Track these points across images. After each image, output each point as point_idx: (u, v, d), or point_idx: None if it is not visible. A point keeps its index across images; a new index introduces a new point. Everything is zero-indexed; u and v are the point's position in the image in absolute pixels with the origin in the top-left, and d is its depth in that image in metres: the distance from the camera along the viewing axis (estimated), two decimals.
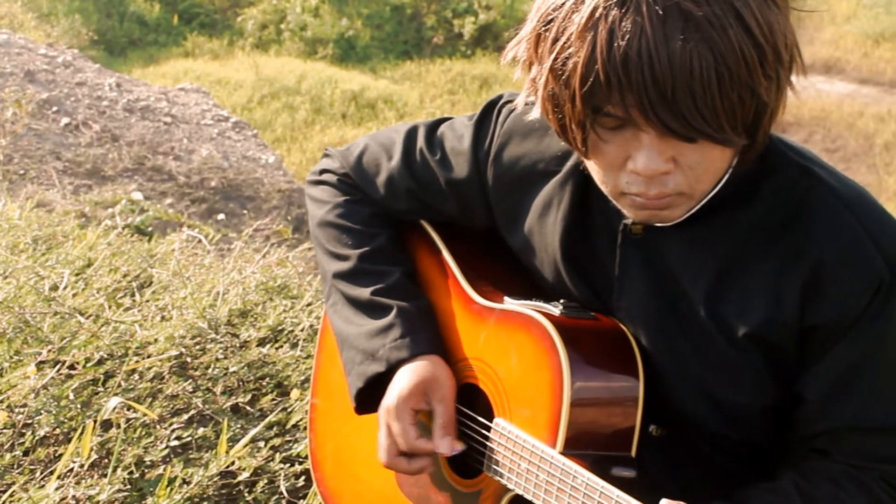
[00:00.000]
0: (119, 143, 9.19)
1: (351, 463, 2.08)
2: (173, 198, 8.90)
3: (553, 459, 1.67)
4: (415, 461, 1.85)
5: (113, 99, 9.93)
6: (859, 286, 1.65)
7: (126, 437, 2.57)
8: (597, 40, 1.51)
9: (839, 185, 1.71)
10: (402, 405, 1.84)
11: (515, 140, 1.87)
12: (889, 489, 1.72)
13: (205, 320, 2.94)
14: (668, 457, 1.78)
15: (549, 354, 1.71)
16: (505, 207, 1.90)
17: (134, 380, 2.74)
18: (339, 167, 2.07)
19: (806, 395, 1.71)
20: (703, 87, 1.49)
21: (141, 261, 3.57)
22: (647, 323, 1.75)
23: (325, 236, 2.03)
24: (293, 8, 17.00)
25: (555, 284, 1.85)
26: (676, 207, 1.65)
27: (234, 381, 2.79)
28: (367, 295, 1.93)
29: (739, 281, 1.70)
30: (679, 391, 1.75)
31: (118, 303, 3.18)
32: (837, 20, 20.93)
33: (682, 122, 1.52)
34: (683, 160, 1.58)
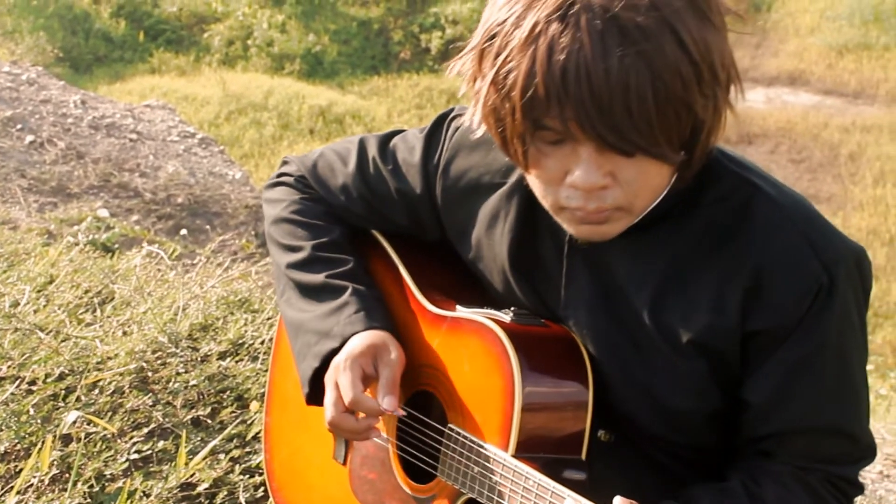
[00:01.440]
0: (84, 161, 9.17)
1: (305, 472, 2.09)
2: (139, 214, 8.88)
3: (505, 462, 1.69)
4: (361, 421, 1.84)
5: (78, 116, 9.91)
6: (798, 291, 1.69)
7: (86, 451, 2.58)
8: (536, 54, 1.54)
9: (778, 194, 1.75)
10: (352, 362, 1.83)
11: (463, 153, 1.90)
12: (835, 490, 1.76)
13: (165, 335, 2.95)
14: (617, 461, 1.81)
15: (500, 360, 1.73)
16: (454, 219, 1.93)
17: (94, 394, 2.74)
18: (296, 170, 2.10)
19: (750, 400, 1.74)
20: (640, 102, 1.53)
21: (103, 277, 3.57)
22: (593, 331, 1.79)
23: (279, 232, 2.05)
24: (260, 24, 17.02)
25: (504, 294, 1.88)
26: (615, 222, 1.67)
27: (194, 394, 2.80)
28: (322, 279, 1.94)
29: (682, 289, 1.73)
30: (626, 397, 1.78)
31: (79, 319, 3.18)
32: (802, 32, 21.13)
33: (618, 136, 1.55)
34: (621, 175, 1.61)
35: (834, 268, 1.70)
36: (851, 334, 1.75)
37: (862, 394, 1.79)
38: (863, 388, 1.80)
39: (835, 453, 1.76)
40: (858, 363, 1.78)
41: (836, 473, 1.76)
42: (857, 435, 1.78)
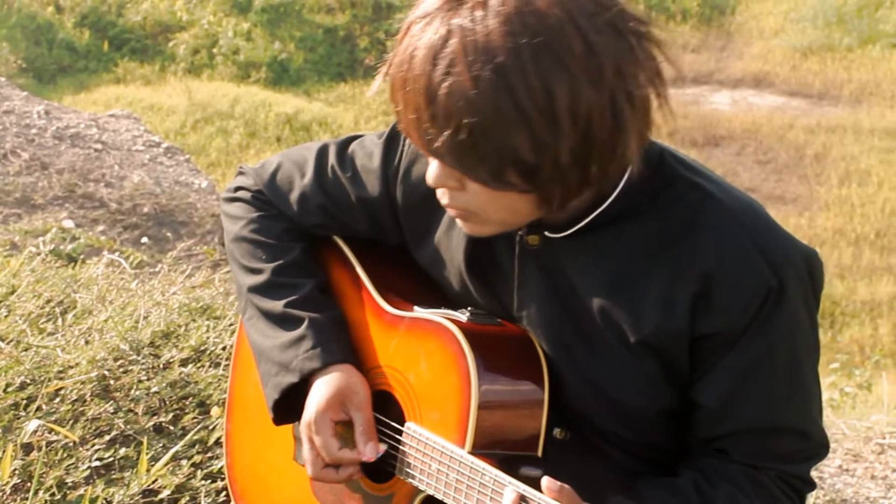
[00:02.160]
0: (49, 171, 9.12)
1: (266, 475, 2.10)
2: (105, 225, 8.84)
3: (462, 459, 1.71)
4: (342, 470, 1.88)
5: (42, 127, 9.86)
6: (747, 296, 1.70)
7: (47, 460, 2.57)
8: (396, 53, 1.65)
9: (727, 198, 1.76)
10: (321, 418, 1.87)
11: (422, 158, 1.91)
12: (785, 487, 1.79)
13: (126, 342, 2.94)
14: (573, 458, 1.83)
15: (456, 359, 1.75)
16: (414, 223, 1.94)
17: (56, 403, 2.74)
18: (252, 184, 2.09)
19: (702, 402, 1.76)
20: (450, 132, 1.58)
21: (65, 286, 3.56)
22: (546, 330, 1.80)
23: (239, 251, 2.06)
24: (225, 32, 16.99)
25: (461, 295, 1.89)
26: (478, 224, 1.74)
27: (156, 401, 2.80)
28: (280, 307, 1.96)
29: (632, 290, 1.75)
30: (580, 395, 1.80)
31: (41, 328, 3.17)
32: (766, 35, 21.27)
33: (438, 154, 1.64)
34: (468, 186, 1.67)
35: (783, 271, 1.72)
36: (802, 336, 1.77)
37: (813, 393, 1.81)
38: (814, 387, 1.82)
39: (787, 452, 1.78)
40: (809, 363, 1.80)
41: (789, 471, 1.79)
42: (809, 433, 1.80)
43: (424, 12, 1.61)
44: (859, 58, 20.41)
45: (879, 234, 15.40)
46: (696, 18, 21.07)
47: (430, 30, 1.59)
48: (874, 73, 19.92)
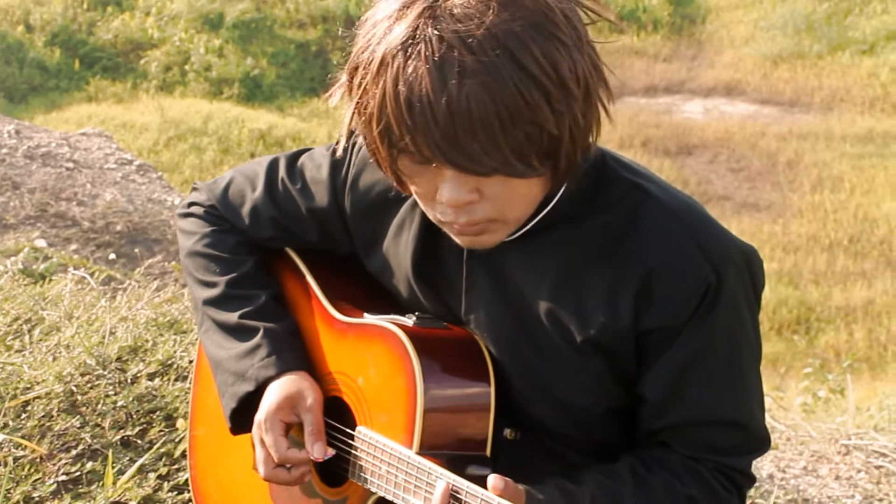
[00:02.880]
0: (20, 191, 9.13)
1: (229, 483, 2.14)
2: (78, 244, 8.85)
3: (409, 459, 1.76)
4: (293, 470, 1.92)
5: (12, 146, 9.86)
6: (687, 291, 1.76)
7: (14, 475, 2.61)
8: (385, 86, 1.61)
9: (667, 198, 1.82)
10: (272, 418, 1.91)
11: (370, 168, 1.95)
12: (723, 479, 1.83)
13: (93, 357, 2.98)
14: (523, 458, 1.87)
15: (403, 361, 1.80)
16: (363, 232, 1.99)
17: (22, 419, 2.77)
18: (205, 200, 2.14)
19: (646, 395, 1.81)
20: (484, 127, 1.59)
21: (33, 304, 3.60)
22: (494, 332, 1.85)
23: (194, 265, 2.11)
24: (197, 49, 17.02)
25: (410, 301, 1.94)
26: (493, 233, 1.75)
27: (122, 415, 2.84)
28: (235, 319, 2.01)
29: (577, 290, 1.80)
30: (528, 395, 1.84)
31: (7, 345, 3.21)
32: (736, 43, 21.43)
33: (469, 160, 1.62)
34: (487, 191, 1.68)
35: (722, 267, 1.77)
36: (742, 331, 1.83)
37: (753, 388, 1.86)
38: (754, 382, 1.87)
39: (727, 445, 1.83)
40: (750, 359, 1.86)
41: (728, 464, 1.83)
42: (749, 427, 1.85)
43: (398, 43, 1.61)
44: (829, 65, 20.59)
45: (853, 240, 15.54)
46: (667, 28, 21.23)
47: (420, 50, 1.59)
48: (844, 80, 20.10)
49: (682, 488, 1.79)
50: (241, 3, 17.85)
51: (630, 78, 20.18)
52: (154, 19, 17.63)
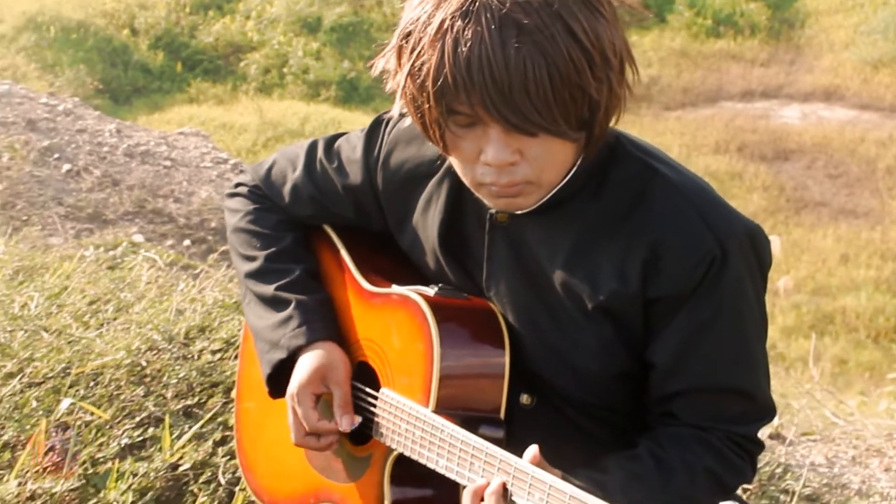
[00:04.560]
0: (120, 188, 9.42)
1: (269, 446, 2.28)
2: (174, 239, 9.11)
3: (425, 417, 1.89)
4: (323, 439, 2.08)
5: (113, 145, 10.18)
6: (692, 262, 1.87)
7: (82, 438, 2.79)
8: (445, 48, 1.75)
9: (676, 176, 1.93)
10: (303, 391, 2.06)
11: (400, 147, 2.10)
12: (734, 447, 1.93)
13: (160, 333, 3.16)
14: (538, 423, 1.99)
15: (422, 328, 1.93)
16: (395, 208, 2.13)
17: (91, 388, 2.96)
18: (250, 180, 2.30)
19: (654, 361, 1.92)
20: (537, 87, 1.73)
21: (112, 287, 3.80)
22: (513, 301, 1.97)
23: (238, 241, 2.26)
24: (295, 52, 17.33)
25: (436, 273, 2.07)
26: (528, 195, 1.88)
27: (184, 386, 3.01)
28: (272, 291, 2.16)
29: (590, 260, 1.92)
30: (543, 362, 1.96)
31: (84, 322, 3.40)
32: (836, 48, 21.14)
33: (520, 118, 1.75)
34: (528, 152, 1.82)
35: (726, 242, 1.88)
36: (746, 304, 1.92)
37: (758, 358, 1.96)
38: (759, 353, 1.97)
39: (734, 413, 1.93)
40: (755, 330, 1.95)
41: (737, 432, 1.93)
42: (754, 395, 1.94)
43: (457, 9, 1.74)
44: None
45: None
46: (765, 32, 21.02)
47: (480, 15, 1.73)
48: None
49: (698, 461, 1.88)
50: (338, 6, 18.14)
51: (727, 83, 20.04)
52: (254, 23, 18.01)
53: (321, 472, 2.15)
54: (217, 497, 2.67)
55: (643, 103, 18.61)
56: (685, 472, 1.87)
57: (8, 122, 9.64)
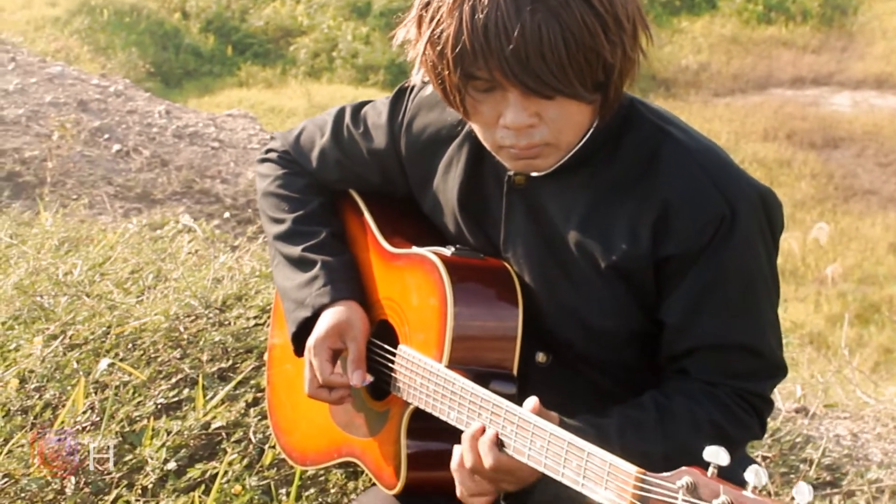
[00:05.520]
0: (168, 168, 9.54)
1: (296, 403, 2.37)
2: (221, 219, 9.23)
3: (439, 372, 1.96)
4: (334, 392, 2.17)
5: (162, 126, 10.31)
6: (701, 221, 1.93)
7: (119, 398, 2.89)
8: (463, 16, 1.83)
9: (688, 140, 1.99)
10: (320, 345, 2.15)
11: (423, 112, 2.18)
12: (742, 402, 1.98)
13: (197, 299, 3.26)
14: (554, 381, 2.06)
15: (437, 285, 2.00)
16: (417, 171, 2.20)
17: (130, 349, 3.06)
18: (280, 146, 2.39)
19: (666, 320, 1.98)
20: (552, 51, 1.80)
21: (154, 257, 3.90)
22: (529, 261, 2.04)
23: (267, 204, 2.35)
24: (344, 36, 17.40)
25: (456, 235, 2.14)
26: (547, 157, 1.95)
27: (219, 350, 3.10)
28: (299, 252, 2.24)
29: (603, 221, 1.98)
30: (558, 320, 2.03)
31: (125, 289, 3.51)
32: (889, 35, 20.93)
33: (537, 82, 1.82)
34: (546, 114, 1.89)
35: (736, 203, 1.94)
36: (756, 264, 1.98)
37: (767, 317, 2.01)
38: (769, 314, 2.02)
39: (743, 369, 1.98)
40: (764, 292, 2.01)
41: (746, 388, 1.98)
42: (763, 353, 2.00)
43: None
44: None
45: None
46: (817, 19, 20.86)
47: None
48: None
49: (703, 412, 1.94)
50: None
51: (777, 69, 19.92)
52: (304, 7, 18.10)
53: (343, 427, 2.23)
54: (248, 454, 2.76)
55: (692, 90, 18.54)
56: (688, 422, 1.93)
57: (60, 102, 9.81)
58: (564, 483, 1.72)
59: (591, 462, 1.68)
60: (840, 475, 3.10)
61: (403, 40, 1.98)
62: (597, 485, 1.66)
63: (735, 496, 1.49)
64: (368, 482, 2.59)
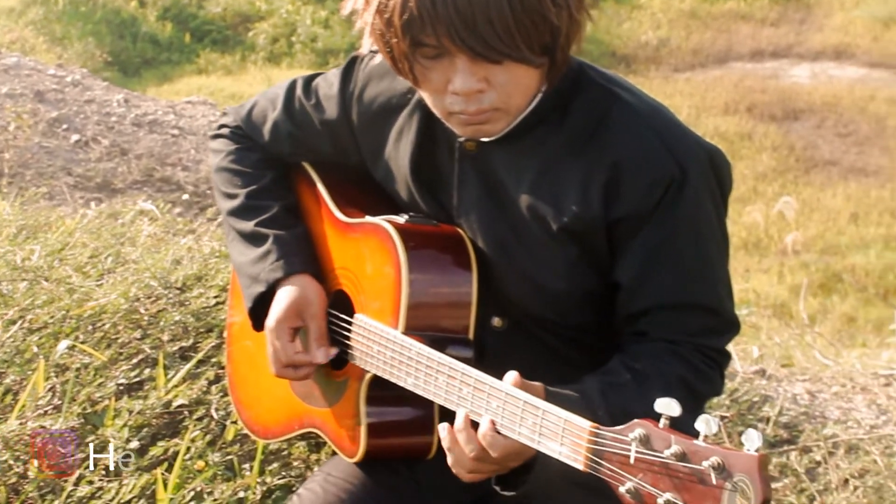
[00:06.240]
0: (128, 157, 9.49)
1: (256, 378, 2.37)
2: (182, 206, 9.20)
3: (395, 339, 1.97)
4: (300, 369, 2.18)
5: (121, 114, 10.25)
6: (651, 182, 1.94)
7: (80, 380, 2.88)
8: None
9: (636, 102, 2.01)
10: (280, 326, 2.16)
11: (373, 82, 2.18)
12: (704, 358, 2.00)
13: (157, 280, 3.25)
14: (511, 345, 2.07)
15: (391, 253, 2.01)
16: (369, 140, 2.21)
17: (90, 331, 3.05)
18: (232, 121, 2.39)
19: (620, 281, 2.00)
20: (499, 15, 1.82)
21: (114, 241, 3.89)
22: (482, 226, 2.06)
23: (220, 180, 2.35)
24: (303, 20, 17.34)
25: (409, 202, 2.15)
26: (496, 122, 1.96)
27: (180, 329, 3.10)
28: (252, 227, 2.25)
29: (554, 184, 2.00)
30: (512, 284, 2.04)
31: (85, 273, 3.49)
32: (846, 6, 21.07)
33: (485, 46, 1.83)
34: (494, 79, 1.90)
35: (685, 163, 1.95)
36: (706, 222, 2.00)
37: (720, 275, 2.03)
38: (721, 271, 2.04)
39: (699, 326, 2.00)
40: (716, 250, 2.03)
41: (705, 344, 2.00)
42: (718, 310, 2.02)
43: None
44: None
45: None
46: None
47: None
48: None
49: (671, 370, 1.96)
50: None
51: (736, 43, 20.01)
52: None
53: (303, 399, 2.24)
54: (210, 431, 2.77)
55: (652, 65, 18.59)
56: (660, 380, 1.94)
57: (16, 93, 9.73)
58: (521, 441, 1.74)
59: (546, 419, 1.70)
60: (797, 432, 3.14)
61: (352, 10, 1.98)
62: (552, 441, 1.67)
63: (686, 445, 1.50)
64: (331, 453, 2.60)
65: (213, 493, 2.58)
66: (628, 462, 1.55)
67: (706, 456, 1.48)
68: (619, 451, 1.57)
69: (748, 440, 1.45)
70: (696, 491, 1.48)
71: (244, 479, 2.63)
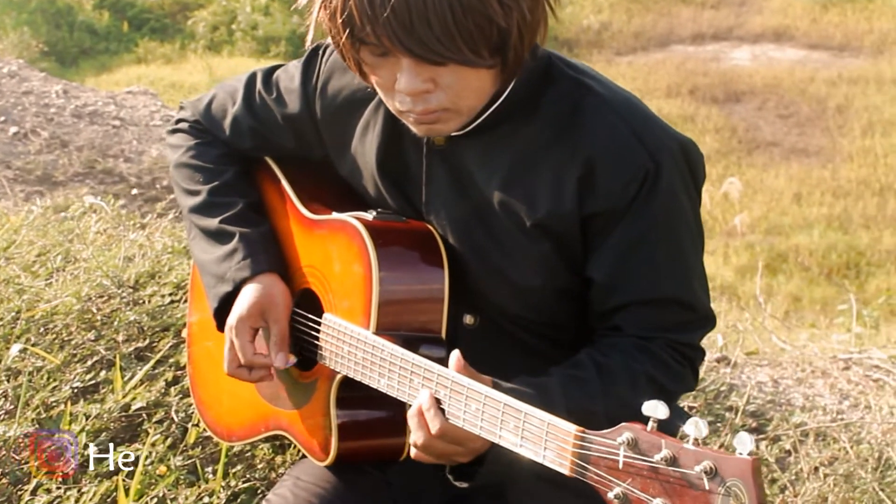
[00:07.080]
0: (69, 149, 9.34)
1: (219, 379, 2.30)
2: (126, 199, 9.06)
3: (366, 339, 1.92)
4: (254, 372, 2.12)
5: (60, 106, 10.08)
6: (626, 177, 1.90)
7: (34, 384, 2.80)
8: None
9: (608, 93, 1.96)
10: (242, 325, 2.09)
11: (337, 74, 2.12)
12: (676, 354, 1.97)
13: (110, 279, 3.16)
14: (483, 343, 2.02)
15: (360, 251, 1.95)
16: (334, 135, 2.14)
17: (42, 334, 2.96)
18: (190, 116, 2.31)
19: (594, 277, 1.95)
20: (437, 17, 1.75)
21: (61, 238, 3.79)
22: (452, 221, 2.00)
23: (180, 176, 2.28)
24: (243, 8, 17.17)
25: (376, 198, 2.09)
26: (447, 122, 1.90)
27: (135, 330, 3.02)
28: (216, 224, 2.18)
29: (526, 179, 1.95)
30: (485, 280, 1.99)
31: (34, 272, 3.40)
32: None
33: (424, 49, 1.77)
34: (441, 80, 1.84)
35: (659, 155, 1.91)
36: (681, 215, 1.96)
37: (695, 269, 2.00)
38: (696, 265, 2.01)
39: (673, 322, 1.96)
40: (690, 244, 1.99)
41: (678, 340, 1.96)
42: (693, 305, 1.98)
43: None
44: (880, 7, 20.36)
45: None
46: None
47: None
48: None
49: (639, 367, 1.92)
50: None
51: (677, 26, 20.10)
52: None
53: (269, 400, 2.18)
54: (171, 434, 2.70)
55: (594, 49, 18.62)
56: (626, 377, 1.90)
57: None
58: (503, 445, 1.69)
59: (528, 423, 1.65)
60: (765, 421, 3.13)
61: (304, 6, 1.93)
62: (536, 445, 1.63)
63: (676, 449, 1.47)
64: (297, 455, 2.54)
65: (176, 499, 2.51)
66: (616, 467, 1.51)
67: (697, 460, 1.44)
68: (606, 455, 1.53)
69: (740, 444, 1.41)
70: (687, 496, 1.44)
71: (208, 484, 2.57)
